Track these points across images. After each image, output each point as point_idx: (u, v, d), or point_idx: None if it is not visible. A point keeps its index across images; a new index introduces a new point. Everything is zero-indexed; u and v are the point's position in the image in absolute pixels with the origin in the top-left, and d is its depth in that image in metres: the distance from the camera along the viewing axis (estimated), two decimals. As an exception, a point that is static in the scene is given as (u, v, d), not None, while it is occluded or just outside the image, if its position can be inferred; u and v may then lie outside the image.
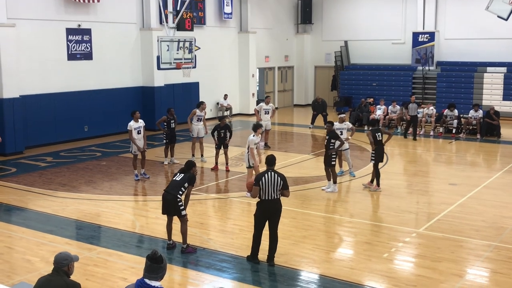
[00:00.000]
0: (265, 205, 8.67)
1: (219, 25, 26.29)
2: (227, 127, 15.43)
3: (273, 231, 8.81)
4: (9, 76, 17.42)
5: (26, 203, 12.56)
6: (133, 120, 14.45)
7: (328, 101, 26.82)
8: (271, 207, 8.67)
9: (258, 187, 8.59)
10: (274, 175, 8.62)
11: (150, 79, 22.31)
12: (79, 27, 19.88)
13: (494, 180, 14.43)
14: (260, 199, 8.68)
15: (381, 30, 28.74)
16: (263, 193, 8.59)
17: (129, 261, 9.05)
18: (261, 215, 8.74)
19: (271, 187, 8.56)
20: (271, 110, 18.44)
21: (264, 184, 8.55)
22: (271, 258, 8.86)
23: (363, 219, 11.42)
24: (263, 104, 18.44)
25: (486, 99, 24.96)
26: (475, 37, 26.25)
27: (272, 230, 8.80)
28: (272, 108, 18.58)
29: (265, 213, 8.71)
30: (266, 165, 8.89)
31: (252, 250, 8.93)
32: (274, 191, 8.58)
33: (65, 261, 5.29)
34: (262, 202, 8.68)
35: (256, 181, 8.66)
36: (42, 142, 18.88)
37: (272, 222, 8.78)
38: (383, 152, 13.53)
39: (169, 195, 9.16)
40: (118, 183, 14.31)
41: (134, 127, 14.35)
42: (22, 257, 9.32)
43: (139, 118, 14.59)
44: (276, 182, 8.58)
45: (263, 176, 8.61)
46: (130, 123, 14.43)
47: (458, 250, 9.52)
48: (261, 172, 8.79)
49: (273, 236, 8.83)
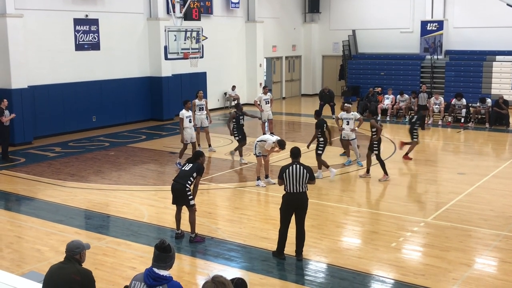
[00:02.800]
0: (290, 198, 8.45)
1: (226, 14, 26.21)
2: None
3: (300, 225, 8.53)
4: (17, 66, 17.49)
5: (35, 193, 12.64)
6: (184, 109, 14.59)
7: (336, 90, 26.72)
8: (297, 200, 8.44)
9: (281, 180, 8.43)
10: (299, 168, 8.39)
11: (157, 69, 22.30)
12: (87, 18, 19.88)
13: (503, 169, 14.37)
14: (286, 191, 8.49)
15: (389, 19, 28.55)
16: (288, 186, 8.38)
17: (138, 251, 9.11)
18: (287, 209, 8.49)
19: (296, 180, 8.33)
20: (269, 100, 18.41)
21: (288, 177, 8.35)
22: (299, 253, 8.63)
23: (370, 209, 11.42)
24: (262, 94, 18.40)
25: (495, 88, 24.78)
26: (484, 26, 26.03)
27: (299, 224, 8.53)
28: (271, 98, 18.57)
29: (291, 206, 8.46)
30: (291, 158, 8.67)
31: (278, 245, 8.66)
32: (299, 184, 8.34)
33: (77, 249, 5.34)
34: (287, 195, 8.47)
35: (280, 174, 8.48)
36: (50, 132, 18.96)
37: (299, 216, 8.51)
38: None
39: (177, 185, 9.20)
40: (126, 173, 14.36)
41: (186, 116, 14.49)
42: (32, 246, 9.40)
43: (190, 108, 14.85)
44: (302, 175, 8.35)
45: (287, 169, 8.40)
46: (182, 112, 14.59)
47: (466, 240, 9.50)
48: (286, 165, 8.56)
49: (300, 231, 8.57)
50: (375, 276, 8.13)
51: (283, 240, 8.60)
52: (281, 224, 8.60)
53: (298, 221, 8.54)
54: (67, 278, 5.16)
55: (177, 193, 9.25)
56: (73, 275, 5.17)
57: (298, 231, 8.59)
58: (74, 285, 5.15)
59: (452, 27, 27.08)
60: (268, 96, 18.36)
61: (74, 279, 5.16)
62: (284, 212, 8.55)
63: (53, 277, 5.24)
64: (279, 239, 8.63)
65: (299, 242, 8.63)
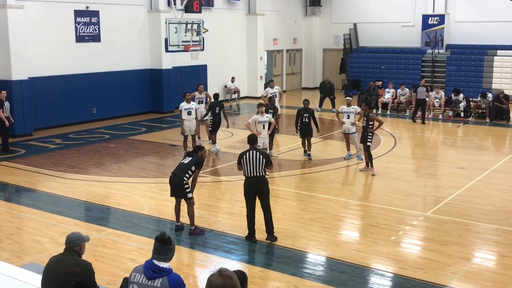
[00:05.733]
0: (249, 182, 8.93)
1: (227, 7, 26.14)
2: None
3: (265, 208, 9.04)
4: (17, 58, 17.46)
5: (35, 184, 12.65)
6: (185, 101, 14.69)
7: (337, 84, 26.71)
8: (256, 183, 8.90)
9: (239, 165, 8.98)
10: (255, 154, 8.88)
11: (158, 61, 22.27)
12: (87, 9, 19.83)
13: (503, 164, 14.37)
14: (245, 176, 9.00)
15: (390, 13, 28.48)
16: (246, 170, 8.91)
17: (138, 242, 9.13)
18: (248, 192, 9.02)
19: (253, 165, 8.83)
20: (277, 94, 18.24)
21: (245, 163, 8.86)
22: (270, 233, 9.08)
23: (370, 202, 11.44)
24: (269, 88, 18.30)
25: (496, 83, 24.75)
26: (485, 20, 25.96)
27: (264, 206, 9.03)
28: (279, 91, 18.35)
29: (251, 190, 8.97)
30: (249, 144, 9.16)
31: (248, 229, 9.13)
32: (256, 168, 8.84)
33: (77, 241, 5.36)
34: (246, 180, 9.00)
35: (238, 160, 9.02)
36: (50, 124, 18.95)
37: (262, 199, 9.01)
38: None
39: (175, 178, 9.22)
40: (126, 165, 14.37)
41: (184, 108, 14.64)
42: (32, 238, 9.42)
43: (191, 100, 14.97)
44: (258, 160, 8.83)
45: (244, 155, 8.92)
46: (181, 104, 14.76)
47: (465, 234, 9.52)
48: (243, 151, 9.09)
49: (266, 213, 9.06)
50: (374, 270, 8.14)
51: (251, 223, 9.10)
52: (247, 208, 9.13)
53: (262, 204, 9.04)
54: (66, 270, 5.18)
55: (174, 186, 9.28)
56: (72, 267, 5.19)
57: (264, 214, 9.07)
58: (73, 277, 5.16)
59: (453, 21, 27.01)
60: (276, 90, 18.15)
61: (73, 271, 5.17)
62: (246, 196, 9.08)
63: (53, 269, 5.26)
64: (248, 223, 9.13)
65: (267, 224, 9.08)
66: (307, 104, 14.68)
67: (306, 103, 14.69)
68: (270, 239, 9.06)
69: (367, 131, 13.16)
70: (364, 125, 13.28)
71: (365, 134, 13.23)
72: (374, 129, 13.20)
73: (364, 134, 13.27)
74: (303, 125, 14.51)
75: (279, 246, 8.93)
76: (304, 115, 14.48)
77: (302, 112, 14.54)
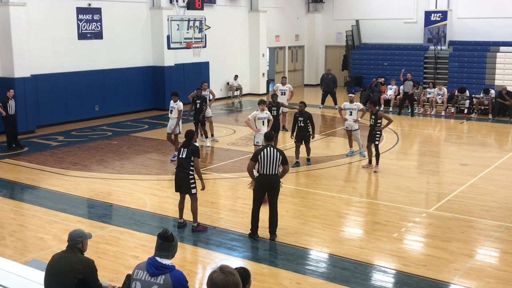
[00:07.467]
0: (264, 179, 8.81)
1: (229, 4, 26.10)
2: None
3: (272, 206, 8.99)
4: (20, 55, 17.46)
5: (38, 181, 12.67)
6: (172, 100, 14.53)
7: (339, 81, 26.64)
8: (270, 181, 8.83)
9: (255, 162, 8.81)
10: (273, 151, 8.78)
11: (160, 58, 22.26)
12: (89, 6, 19.83)
13: (506, 161, 14.35)
14: (259, 173, 8.90)
15: (393, 9, 28.40)
16: (262, 168, 8.79)
17: (141, 239, 9.14)
18: (260, 190, 8.92)
19: (270, 163, 8.73)
20: (288, 91, 18.17)
21: (262, 159, 8.73)
22: (272, 233, 9.04)
23: (373, 199, 11.44)
24: (280, 85, 18.24)
25: (498, 79, 24.65)
26: (488, 16, 25.86)
27: (271, 205, 8.98)
28: (290, 89, 18.25)
29: (264, 187, 8.89)
30: (265, 141, 9.07)
31: (252, 226, 9.10)
32: (273, 166, 8.76)
33: (79, 238, 5.37)
34: (261, 177, 8.87)
35: (254, 156, 8.86)
36: (53, 121, 18.97)
37: (271, 197, 8.94)
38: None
39: (181, 173, 9.23)
40: (129, 162, 14.39)
41: (170, 106, 14.51)
42: (35, 235, 9.44)
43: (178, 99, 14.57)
44: (276, 157, 8.75)
45: (261, 151, 8.79)
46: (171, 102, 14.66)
47: (468, 230, 9.51)
48: (260, 147, 9.00)
49: (273, 211, 9.00)
50: (377, 266, 8.15)
51: (256, 220, 9.04)
52: (254, 205, 9.03)
53: (271, 202, 8.96)
54: (69, 267, 5.19)
55: (180, 181, 9.29)
56: (75, 265, 5.19)
57: (271, 212, 9.01)
58: (76, 274, 5.17)
59: (456, 18, 26.92)
60: (286, 88, 18.08)
61: (76, 268, 5.18)
62: (256, 193, 8.97)
63: (55, 266, 5.27)
64: (253, 220, 9.06)
65: (272, 223, 9.04)
66: (302, 107, 13.55)
67: (302, 106, 13.57)
68: (272, 238, 9.03)
69: (375, 129, 13.14)
70: (372, 124, 13.21)
71: (373, 133, 13.18)
72: (382, 127, 13.17)
73: (371, 132, 13.20)
74: (299, 130, 13.58)
75: (281, 243, 8.94)
76: (299, 119, 13.49)
77: (297, 116, 13.57)
